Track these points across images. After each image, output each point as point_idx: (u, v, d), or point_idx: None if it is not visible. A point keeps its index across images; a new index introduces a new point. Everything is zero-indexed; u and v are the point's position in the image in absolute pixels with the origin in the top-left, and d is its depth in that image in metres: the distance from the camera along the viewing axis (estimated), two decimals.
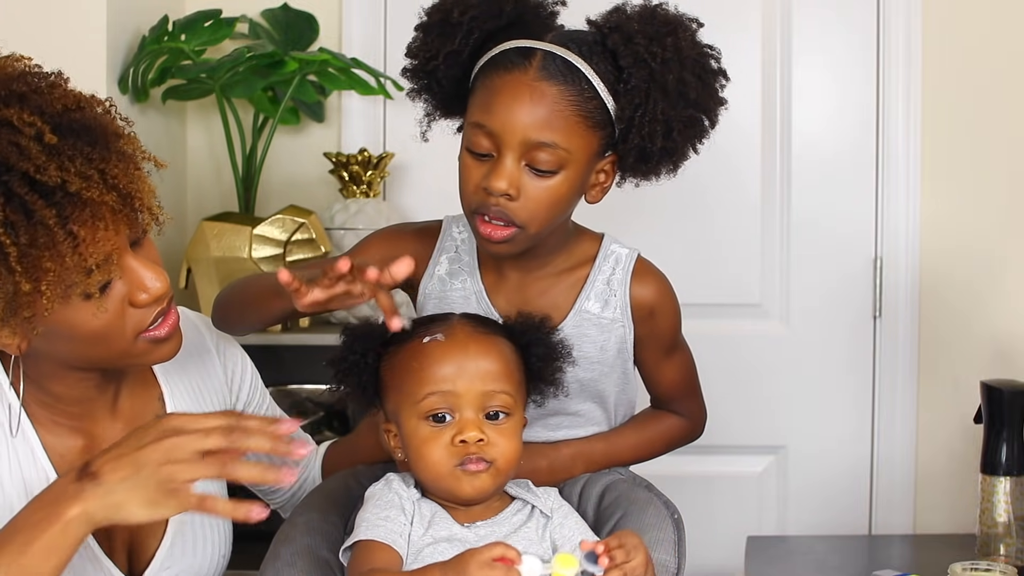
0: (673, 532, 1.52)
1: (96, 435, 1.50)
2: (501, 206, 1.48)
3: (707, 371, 1.76)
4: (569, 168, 1.49)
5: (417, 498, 1.43)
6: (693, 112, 1.53)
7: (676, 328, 1.67)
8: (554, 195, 1.49)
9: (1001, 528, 2.03)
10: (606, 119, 1.50)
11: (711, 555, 2.54)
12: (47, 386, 1.45)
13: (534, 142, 1.46)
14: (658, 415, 1.72)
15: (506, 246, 1.52)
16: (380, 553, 1.37)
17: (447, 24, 1.52)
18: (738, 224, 2.66)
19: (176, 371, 1.59)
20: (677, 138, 1.53)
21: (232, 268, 2.42)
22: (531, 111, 1.46)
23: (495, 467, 1.41)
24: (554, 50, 1.48)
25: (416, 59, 1.56)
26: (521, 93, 1.47)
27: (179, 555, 1.54)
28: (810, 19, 2.64)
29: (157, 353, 1.43)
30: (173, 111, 2.64)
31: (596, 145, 1.51)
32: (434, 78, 1.55)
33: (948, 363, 2.63)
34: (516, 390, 1.46)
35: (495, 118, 1.47)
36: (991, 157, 2.61)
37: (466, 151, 1.51)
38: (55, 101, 1.32)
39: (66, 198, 1.27)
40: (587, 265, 1.62)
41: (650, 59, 1.49)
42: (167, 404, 1.57)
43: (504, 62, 1.49)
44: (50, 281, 1.28)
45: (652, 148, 1.52)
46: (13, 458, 1.43)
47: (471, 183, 1.50)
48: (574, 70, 1.48)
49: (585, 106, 1.48)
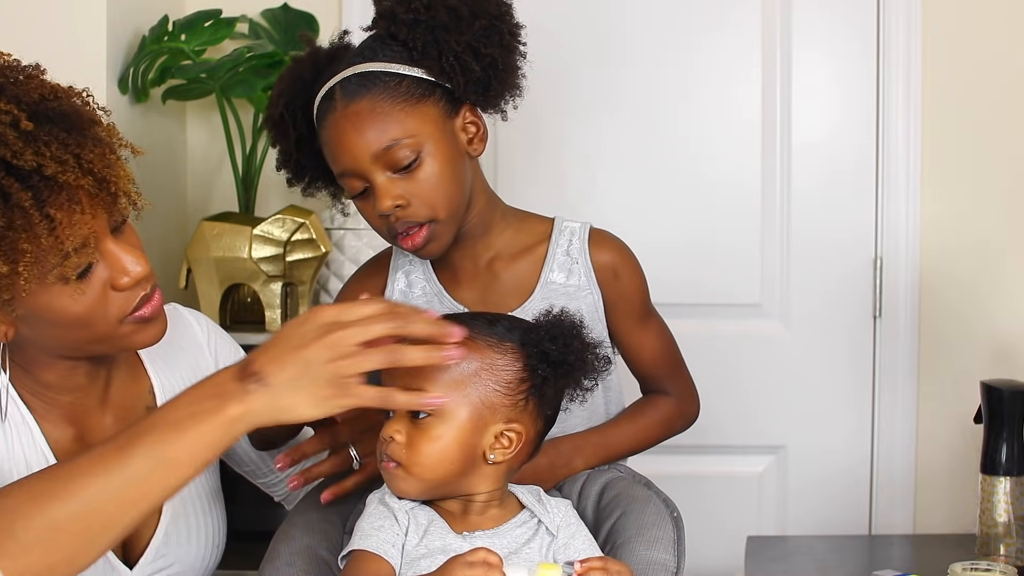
0: (673, 530, 1.52)
1: (88, 426, 1.51)
2: (401, 217, 1.57)
3: (707, 371, 1.77)
4: (427, 146, 1.57)
5: (411, 507, 1.40)
6: (480, 22, 1.59)
7: (643, 289, 1.72)
8: (433, 177, 1.57)
9: (1001, 528, 2.03)
10: (427, 86, 1.58)
11: (711, 555, 2.54)
12: (36, 375, 1.47)
13: (380, 151, 1.55)
14: (650, 400, 1.73)
15: (434, 244, 1.60)
16: (371, 564, 1.36)
17: (278, 124, 1.66)
18: (738, 224, 2.66)
19: (166, 364, 1.60)
20: (487, 51, 1.59)
21: (232, 268, 2.42)
22: (359, 132, 1.55)
23: (403, 468, 1.38)
24: (343, 75, 1.58)
25: (285, 166, 1.69)
26: (342, 126, 1.57)
27: (174, 544, 1.55)
28: (810, 19, 2.64)
29: (142, 335, 1.44)
30: (173, 111, 2.64)
31: (435, 112, 1.58)
32: (305, 169, 1.68)
33: (948, 363, 2.63)
34: None
35: (343, 159, 1.58)
36: (991, 157, 2.61)
37: (353, 200, 1.63)
38: (32, 91, 1.34)
39: (42, 182, 1.29)
40: (544, 242, 1.68)
41: (415, 15, 1.57)
42: (157, 396, 1.58)
43: (321, 115, 1.60)
44: (27, 262, 1.29)
45: (478, 74, 1.59)
46: (14, 440, 1.45)
47: (373, 219, 1.61)
48: (368, 75, 1.57)
49: (397, 91, 1.56)
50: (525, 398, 1.40)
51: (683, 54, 2.65)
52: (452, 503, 1.41)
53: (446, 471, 1.38)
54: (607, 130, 2.65)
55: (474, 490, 1.40)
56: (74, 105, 1.37)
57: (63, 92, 1.38)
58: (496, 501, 1.42)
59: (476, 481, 1.40)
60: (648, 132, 2.65)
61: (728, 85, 2.65)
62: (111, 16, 2.31)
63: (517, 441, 1.40)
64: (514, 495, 1.45)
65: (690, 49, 2.65)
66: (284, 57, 2.46)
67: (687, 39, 2.65)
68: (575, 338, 1.42)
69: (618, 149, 2.66)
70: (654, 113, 2.65)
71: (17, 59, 1.39)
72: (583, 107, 2.62)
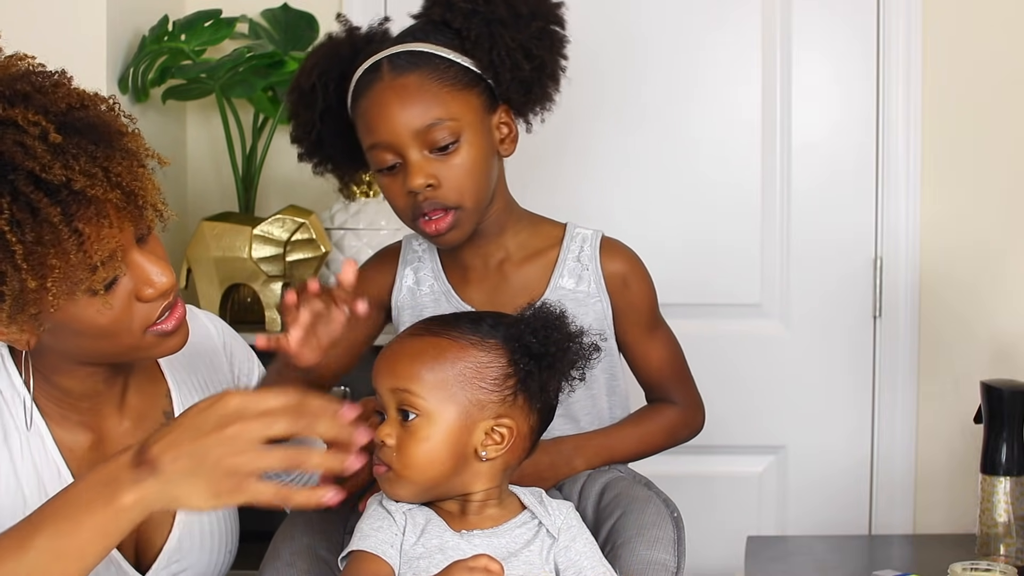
0: (673, 530, 1.52)
1: (105, 431, 1.51)
2: (430, 198, 1.56)
3: (707, 371, 1.77)
4: (466, 133, 1.57)
5: (408, 507, 1.40)
6: (537, 23, 1.60)
7: (652, 299, 1.71)
8: (468, 163, 1.57)
9: (1001, 528, 2.03)
10: (472, 77, 1.59)
11: (711, 555, 2.54)
12: (56, 380, 1.46)
13: (422, 127, 1.55)
14: (655, 407, 1.73)
15: (455, 232, 1.59)
16: (370, 564, 1.36)
17: (304, 95, 1.64)
18: (738, 224, 2.66)
19: (184, 368, 1.60)
20: (538, 53, 1.60)
21: (232, 268, 2.42)
22: (403, 105, 1.55)
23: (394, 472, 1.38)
24: (393, 50, 1.59)
25: (302, 140, 1.68)
26: (387, 97, 1.56)
27: (187, 550, 1.55)
28: (810, 19, 2.64)
29: (164, 346, 1.44)
30: (173, 111, 2.64)
31: (477, 103, 1.59)
32: (324, 144, 1.67)
33: (948, 363, 2.63)
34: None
35: (380, 130, 1.56)
36: (991, 157, 2.61)
37: (379, 173, 1.60)
38: (59, 100, 1.33)
39: (71, 196, 1.28)
40: (555, 247, 1.68)
41: (473, 5, 1.58)
42: (174, 401, 1.58)
43: (362, 85, 1.59)
44: (56, 278, 1.28)
45: (524, 75, 1.60)
46: (26, 450, 1.45)
47: (398, 197, 1.59)
48: (419, 54, 1.57)
49: (445, 74, 1.57)
50: (513, 393, 1.40)
51: (683, 54, 2.65)
52: (450, 503, 1.41)
53: (437, 472, 1.38)
54: (607, 130, 2.65)
55: (469, 489, 1.40)
56: (101, 115, 1.36)
57: (90, 100, 1.37)
58: (494, 500, 1.42)
59: (470, 480, 1.40)
60: (648, 132, 2.65)
61: (728, 85, 2.65)
62: (111, 16, 2.31)
63: (509, 436, 1.40)
64: (515, 495, 1.45)
65: (690, 49, 2.65)
66: (284, 57, 2.46)
67: (687, 39, 2.65)
68: (555, 329, 1.42)
69: (618, 149, 2.66)
70: (654, 113, 2.65)
71: (42, 64, 1.38)
72: (583, 107, 2.62)
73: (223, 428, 1.19)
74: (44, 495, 1.43)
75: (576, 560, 1.41)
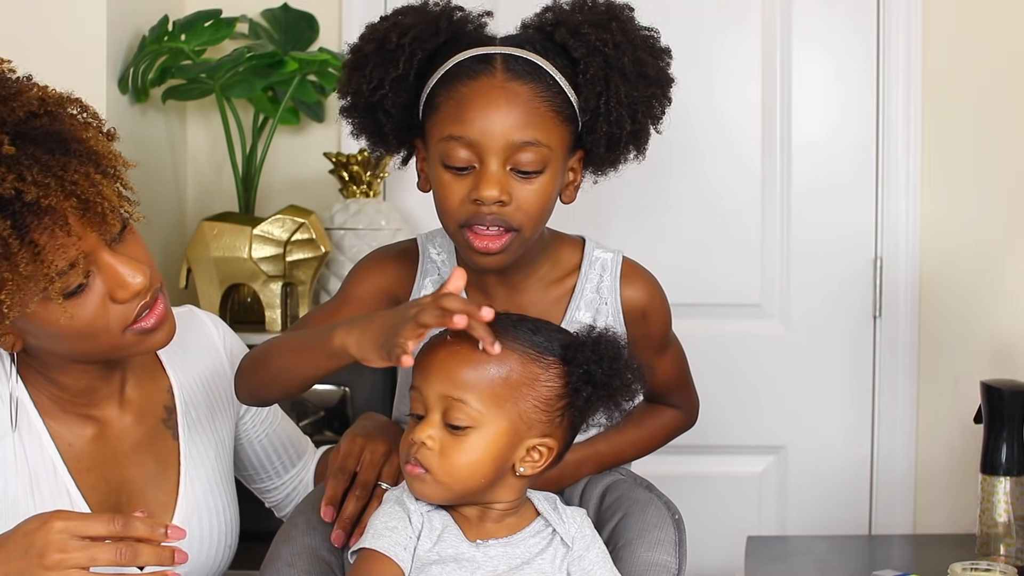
0: (674, 533, 1.52)
1: (108, 423, 1.53)
2: (496, 213, 1.45)
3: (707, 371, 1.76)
4: (551, 165, 1.47)
5: (427, 510, 1.37)
6: (654, 90, 1.53)
7: (668, 326, 1.67)
8: (543, 195, 1.47)
9: (1001, 528, 2.03)
10: (572, 114, 1.49)
11: (711, 555, 2.54)
12: (53, 377, 1.47)
13: (517, 143, 1.44)
14: (655, 409, 1.72)
15: (501, 256, 1.48)
16: (381, 565, 1.33)
17: (385, 51, 1.48)
18: (738, 224, 2.66)
19: (185, 365, 1.61)
20: (643, 120, 1.53)
21: (232, 268, 2.42)
22: (508, 113, 1.44)
23: (432, 476, 1.35)
24: (513, 51, 1.47)
25: (356, 95, 1.52)
26: (495, 97, 1.45)
27: (185, 545, 1.54)
28: (810, 19, 2.64)
29: (147, 343, 1.45)
30: (173, 111, 2.64)
31: (569, 140, 1.50)
32: (381, 109, 1.51)
33: (948, 363, 2.63)
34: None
35: (471, 127, 1.44)
36: (991, 157, 2.61)
37: (442, 167, 1.47)
38: (18, 109, 1.32)
39: (24, 208, 1.29)
40: (573, 274, 1.59)
41: (602, 46, 1.48)
42: (176, 397, 1.59)
43: (466, 72, 1.47)
44: (9, 290, 1.29)
45: (620, 134, 1.51)
46: (19, 450, 1.45)
47: (455, 198, 1.46)
48: (537, 68, 1.47)
49: (555, 100, 1.47)
50: (562, 414, 1.37)
51: (683, 54, 2.62)
52: (470, 509, 1.38)
53: (476, 483, 1.35)
54: None
55: (496, 499, 1.38)
56: (62, 120, 1.36)
57: (54, 103, 1.36)
58: (513, 510, 1.40)
59: (500, 491, 1.38)
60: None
61: (728, 85, 2.65)
62: (111, 16, 2.31)
63: (547, 455, 1.38)
64: (530, 501, 1.43)
65: (690, 49, 2.64)
66: (284, 57, 2.46)
67: (687, 39, 2.64)
68: (620, 360, 1.38)
69: None
70: None
71: (12, 68, 1.38)
72: None
73: (44, 556, 1.25)
74: (38, 495, 1.45)
75: (589, 569, 1.40)
